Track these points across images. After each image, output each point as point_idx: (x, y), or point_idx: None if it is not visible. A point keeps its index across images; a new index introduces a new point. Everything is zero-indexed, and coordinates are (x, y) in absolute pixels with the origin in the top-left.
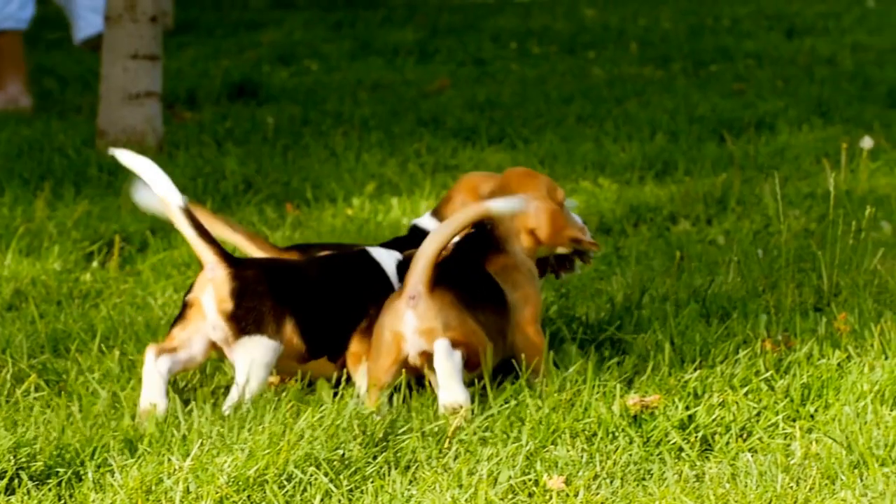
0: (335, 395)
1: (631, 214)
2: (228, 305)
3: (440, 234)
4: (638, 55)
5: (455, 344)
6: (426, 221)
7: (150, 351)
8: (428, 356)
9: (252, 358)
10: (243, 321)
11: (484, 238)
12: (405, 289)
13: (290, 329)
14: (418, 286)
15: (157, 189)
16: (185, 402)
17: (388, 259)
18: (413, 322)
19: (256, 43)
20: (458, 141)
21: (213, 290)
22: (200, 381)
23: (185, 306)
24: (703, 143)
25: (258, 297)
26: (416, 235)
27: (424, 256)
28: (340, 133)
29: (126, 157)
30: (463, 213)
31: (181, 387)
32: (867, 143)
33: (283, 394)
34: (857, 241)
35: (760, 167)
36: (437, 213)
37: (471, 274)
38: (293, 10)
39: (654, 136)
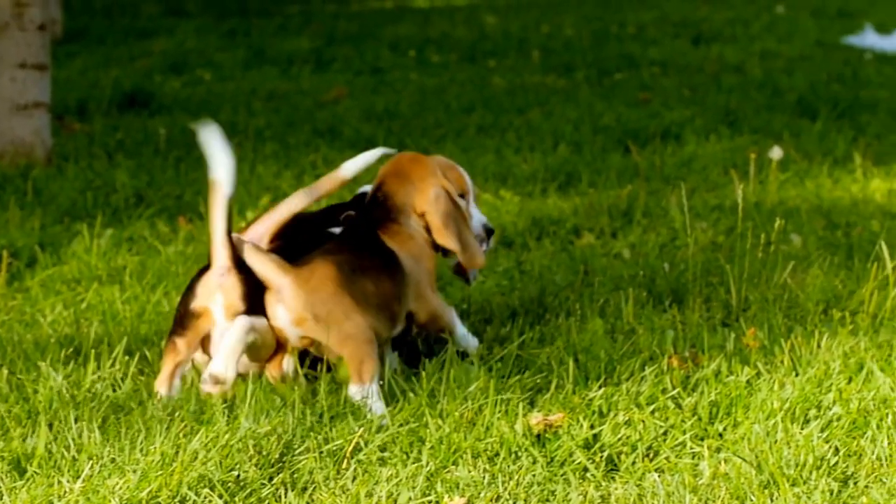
0: (228, 414)
1: (533, 228)
2: (240, 308)
3: (273, 218)
4: (540, 63)
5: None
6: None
7: (165, 373)
8: (313, 340)
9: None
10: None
11: (379, 208)
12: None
13: None
14: (277, 279)
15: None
16: (75, 420)
17: None
18: (285, 315)
19: (148, 52)
20: (355, 152)
21: (222, 296)
22: (88, 399)
23: (189, 315)
24: (608, 154)
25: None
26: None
27: (255, 253)
28: (234, 144)
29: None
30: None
31: (75, 403)
32: (776, 153)
33: (176, 413)
34: (766, 254)
35: (667, 178)
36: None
37: (361, 243)
38: (185, 17)
39: (557, 146)
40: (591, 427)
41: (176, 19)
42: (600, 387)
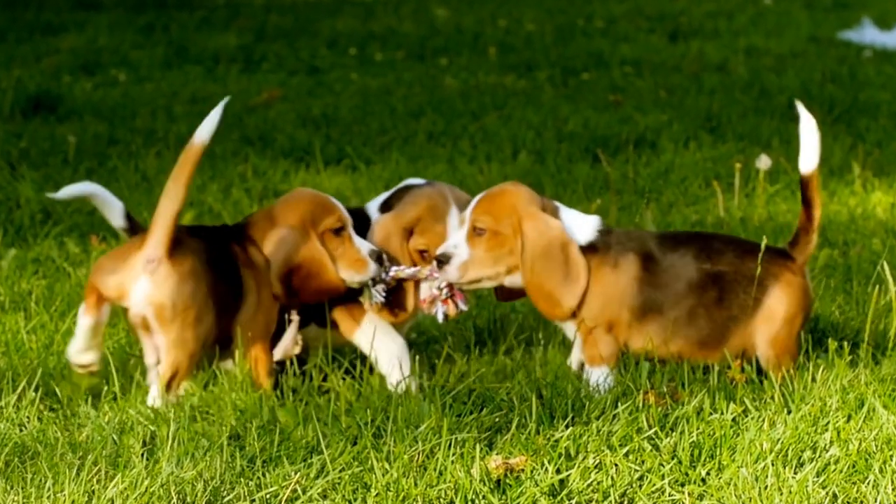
0: (148, 457)
1: None
2: None
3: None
4: (497, 62)
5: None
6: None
7: None
8: (144, 320)
9: None
10: None
11: (240, 233)
12: (144, 248)
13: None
14: (158, 250)
15: None
16: None
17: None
18: (146, 288)
19: (55, 49)
20: (289, 162)
21: None
22: None
23: None
24: (575, 164)
25: None
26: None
27: (163, 218)
28: (153, 154)
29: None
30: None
31: None
32: (764, 162)
33: (89, 456)
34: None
35: (641, 191)
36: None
37: (218, 252)
38: (97, 10)
39: (518, 155)
40: (558, 471)
41: (86, 13)
42: (567, 426)
